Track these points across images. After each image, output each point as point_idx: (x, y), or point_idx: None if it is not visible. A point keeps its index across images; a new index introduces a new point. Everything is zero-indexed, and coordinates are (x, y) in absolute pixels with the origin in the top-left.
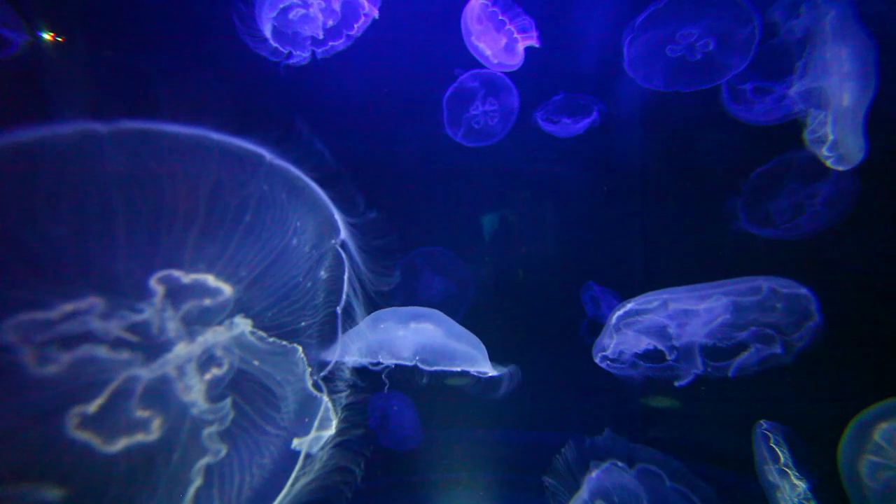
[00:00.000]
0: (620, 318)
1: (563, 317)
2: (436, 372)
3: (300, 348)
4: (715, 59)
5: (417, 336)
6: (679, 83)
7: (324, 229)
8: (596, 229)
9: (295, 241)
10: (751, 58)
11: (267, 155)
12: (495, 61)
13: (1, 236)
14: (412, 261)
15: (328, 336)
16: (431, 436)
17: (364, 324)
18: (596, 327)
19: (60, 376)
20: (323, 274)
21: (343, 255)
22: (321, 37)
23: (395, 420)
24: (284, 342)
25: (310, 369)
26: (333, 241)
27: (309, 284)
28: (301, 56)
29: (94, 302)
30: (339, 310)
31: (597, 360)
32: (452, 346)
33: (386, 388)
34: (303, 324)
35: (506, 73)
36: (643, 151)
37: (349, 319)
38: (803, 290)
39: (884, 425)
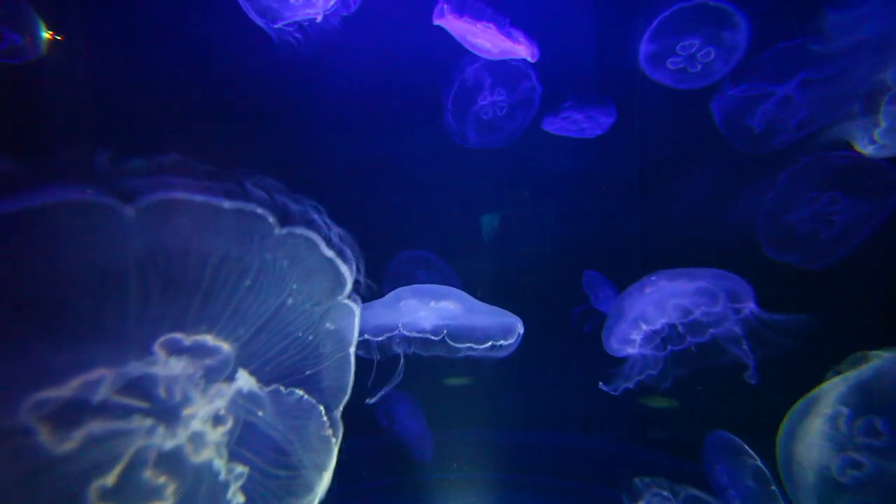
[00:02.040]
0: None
1: (563, 317)
2: (457, 351)
3: (302, 393)
4: (715, 68)
5: (439, 315)
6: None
7: (326, 288)
8: (594, 228)
9: (290, 301)
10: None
11: (276, 228)
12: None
13: (21, 314)
14: (398, 263)
15: (340, 378)
16: (431, 436)
17: (383, 302)
18: (589, 316)
19: (77, 452)
20: (329, 326)
21: (351, 306)
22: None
23: (403, 421)
24: (286, 390)
25: (322, 407)
26: (339, 298)
27: (310, 338)
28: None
29: (104, 373)
30: (350, 350)
31: (617, 353)
32: (475, 322)
33: (398, 374)
34: (308, 372)
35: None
36: (643, 151)
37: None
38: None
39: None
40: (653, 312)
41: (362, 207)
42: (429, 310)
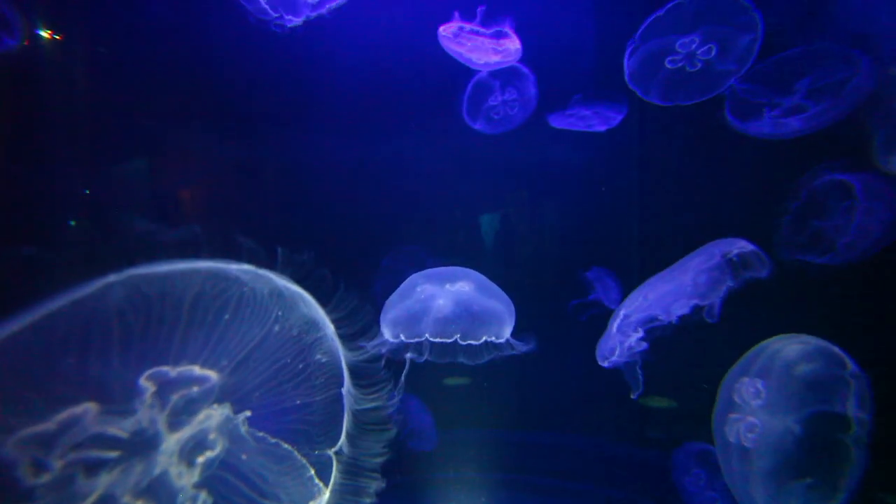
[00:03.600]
0: (619, 325)
1: (563, 317)
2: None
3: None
4: (714, 68)
5: (457, 303)
6: (678, 97)
7: (310, 317)
8: (595, 225)
9: (277, 328)
10: (750, 66)
11: (250, 269)
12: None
13: (9, 365)
14: (392, 259)
15: (334, 412)
16: (437, 434)
17: (401, 293)
18: (585, 308)
19: (56, 483)
20: (320, 357)
21: (337, 343)
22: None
23: (411, 421)
24: (273, 421)
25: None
26: (326, 332)
27: (301, 366)
28: (294, 20)
29: (88, 407)
30: (343, 391)
31: (604, 365)
32: (490, 308)
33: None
34: (298, 402)
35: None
36: (643, 152)
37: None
38: (750, 247)
39: (745, 379)
40: (644, 317)
41: (362, 205)
42: (445, 293)
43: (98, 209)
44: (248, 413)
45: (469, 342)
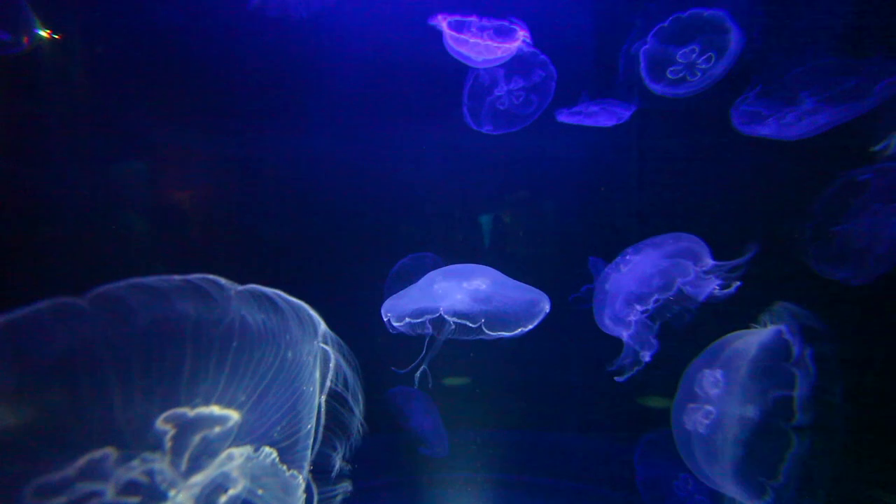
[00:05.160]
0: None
1: (563, 317)
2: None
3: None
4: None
5: (475, 299)
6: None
7: (307, 331)
8: (597, 224)
9: (290, 354)
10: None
11: (232, 287)
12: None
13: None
14: (403, 265)
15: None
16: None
17: (418, 287)
18: (583, 300)
19: None
20: (318, 375)
21: (329, 351)
22: None
23: (417, 417)
24: (290, 452)
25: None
26: (317, 342)
27: (311, 389)
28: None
29: (108, 452)
30: (322, 399)
31: (612, 331)
32: (509, 301)
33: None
34: (309, 427)
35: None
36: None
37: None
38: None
39: (706, 370)
40: (638, 288)
41: (367, 208)
42: (463, 291)
43: (97, 209)
44: (270, 450)
45: (496, 333)
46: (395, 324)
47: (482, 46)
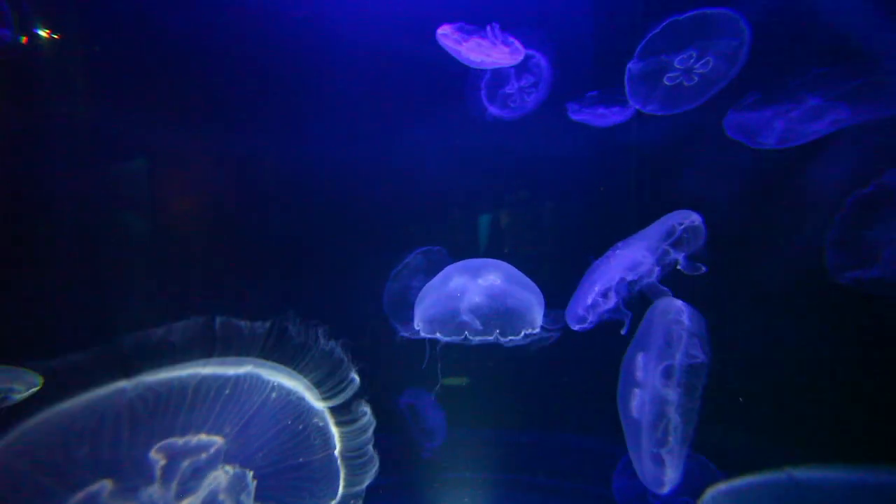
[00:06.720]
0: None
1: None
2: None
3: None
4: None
5: (491, 297)
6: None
7: (308, 393)
8: (597, 223)
9: (274, 395)
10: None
11: (251, 363)
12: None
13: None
14: (413, 260)
15: (332, 469)
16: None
17: (434, 288)
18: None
19: None
20: (317, 422)
21: (326, 415)
22: None
23: (427, 416)
24: (277, 478)
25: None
26: (317, 405)
27: (300, 427)
28: None
29: (104, 484)
30: (335, 453)
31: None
32: (522, 301)
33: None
34: (301, 460)
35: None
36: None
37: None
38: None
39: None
40: (606, 275)
41: (371, 205)
42: (477, 286)
43: (97, 209)
44: (252, 473)
45: (508, 336)
46: (424, 334)
47: (486, 49)
